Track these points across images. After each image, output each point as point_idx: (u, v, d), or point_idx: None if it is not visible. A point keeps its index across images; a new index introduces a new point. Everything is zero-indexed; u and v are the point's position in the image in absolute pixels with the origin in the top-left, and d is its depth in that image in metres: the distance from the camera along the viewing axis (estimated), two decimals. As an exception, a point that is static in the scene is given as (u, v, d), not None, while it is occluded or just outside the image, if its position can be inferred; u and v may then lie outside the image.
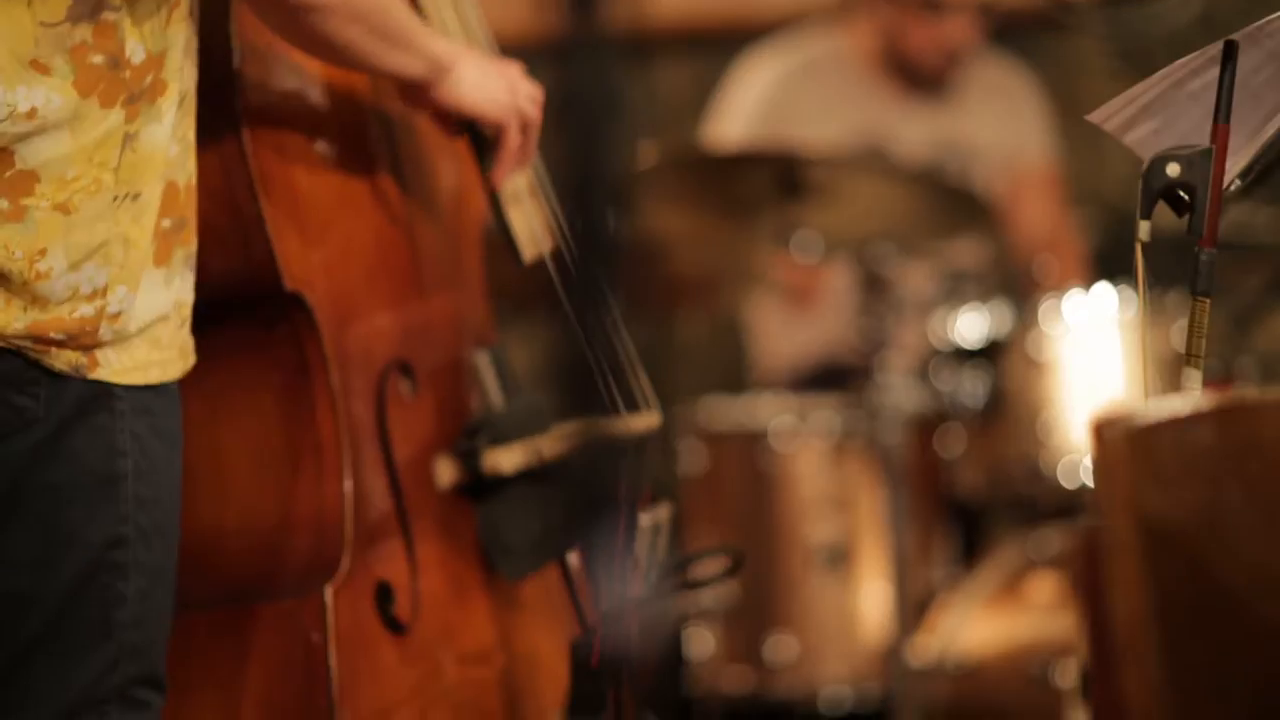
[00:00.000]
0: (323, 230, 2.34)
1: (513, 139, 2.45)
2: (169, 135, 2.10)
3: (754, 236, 4.16)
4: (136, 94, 2.07)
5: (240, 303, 2.29)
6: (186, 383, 2.17)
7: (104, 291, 2.06)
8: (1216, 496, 1.57)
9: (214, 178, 2.22)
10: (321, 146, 2.38)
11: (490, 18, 2.56)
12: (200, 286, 2.17)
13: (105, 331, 2.06)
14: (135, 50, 2.06)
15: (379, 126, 2.47)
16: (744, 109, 4.74)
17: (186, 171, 2.13)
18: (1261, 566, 1.57)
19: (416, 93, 2.41)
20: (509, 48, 2.51)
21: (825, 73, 4.72)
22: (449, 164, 2.54)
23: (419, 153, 2.51)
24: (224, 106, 2.25)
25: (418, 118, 2.48)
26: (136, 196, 2.07)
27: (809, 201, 3.97)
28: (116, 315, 2.07)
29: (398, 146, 2.48)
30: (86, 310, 2.05)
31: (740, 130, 4.70)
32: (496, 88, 2.42)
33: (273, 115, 2.32)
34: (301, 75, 2.37)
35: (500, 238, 2.51)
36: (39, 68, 2.03)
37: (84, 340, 2.05)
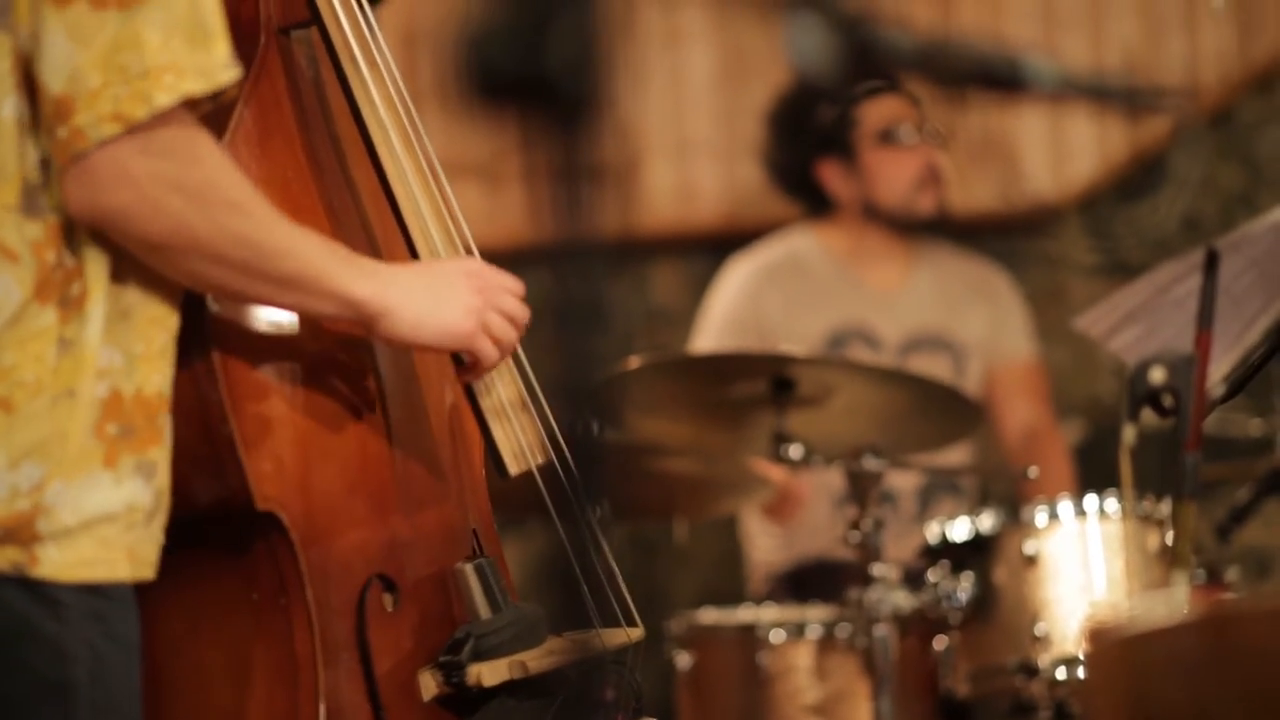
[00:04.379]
0: (299, 449, 2.31)
1: (485, 360, 2.39)
2: (99, 342, 2.10)
3: (745, 441, 4.17)
4: (68, 298, 2.09)
5: (218, 520, 2.29)
6: (167, 598, 2.18)
7: (41, 487, 2.07)
8: (1205, 702, 1.58)
9: (186, 397, 2.22)
10: (298, 364, 2.34)
11: (483, 223, 2.57)
12: (177, 504, 2.19)
13: (42, 525, 2.07)
14: (67, 255, 2.09)
15: (362, 337, 2.41)
16: (720, 315, 4.77)
17: (134, 383, 2.13)
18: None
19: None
20: (501, 254, 2.51)
21: (799, 271, 4.75)
22: (442, 372, 2.51)
23: (407, 363, 2.49)
24: (194, 323, 2.24)
25: None
26: (72, 394, 2.08)
27: (796, 405, 3.98)
28: (51, 508, 2.08)
29: (382, 358, 2.44)
30: (24, 505, 2.07)
31: (718, 336, 4.73)
32: (448, 317, 2.31)
33: (244, 332, 2.29)
34: None
35: (486, 450, 2.50)
36: (7, 253, 2.05)
37: (21, 535, 2.07)
